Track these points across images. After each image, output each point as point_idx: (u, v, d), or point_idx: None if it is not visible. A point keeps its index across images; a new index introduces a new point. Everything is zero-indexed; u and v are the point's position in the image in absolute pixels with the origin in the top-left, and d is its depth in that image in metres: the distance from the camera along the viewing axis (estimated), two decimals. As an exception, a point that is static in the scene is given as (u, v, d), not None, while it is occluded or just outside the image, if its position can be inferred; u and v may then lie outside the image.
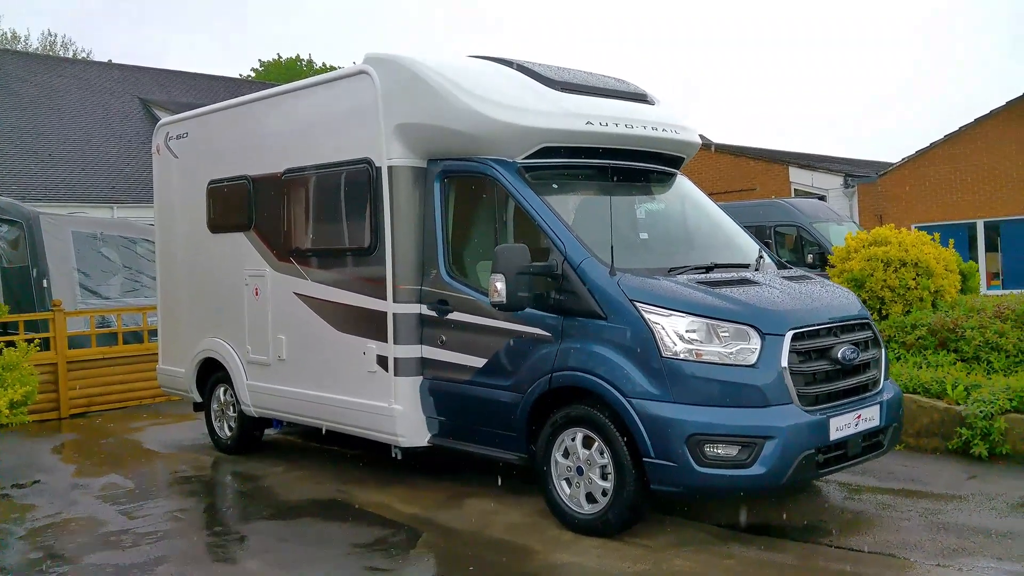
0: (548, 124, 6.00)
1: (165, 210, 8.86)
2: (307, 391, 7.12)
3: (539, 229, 5.76)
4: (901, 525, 5.51)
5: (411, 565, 5.21)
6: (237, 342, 7.85)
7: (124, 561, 5.36)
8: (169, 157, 8.64)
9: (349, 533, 5.78)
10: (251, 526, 6.06)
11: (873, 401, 5.61)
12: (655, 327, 5.16)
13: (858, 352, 5.50)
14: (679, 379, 5.08)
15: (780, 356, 5.12)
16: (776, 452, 4.96)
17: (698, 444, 4.98)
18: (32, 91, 24.26)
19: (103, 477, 7.56)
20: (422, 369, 6.43)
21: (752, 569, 4.88)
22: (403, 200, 6.39)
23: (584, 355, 5.41)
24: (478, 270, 6.29)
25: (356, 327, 6.70)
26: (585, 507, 5.49)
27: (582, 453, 5.47)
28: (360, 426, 6.73)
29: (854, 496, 6.19)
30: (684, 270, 5.74)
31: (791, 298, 5.56)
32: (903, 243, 9.20)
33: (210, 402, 8.41)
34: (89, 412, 10.78)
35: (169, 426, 9.87)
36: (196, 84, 28.78)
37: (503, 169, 6.01)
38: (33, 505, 6.74)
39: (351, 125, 6.65)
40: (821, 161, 28.13)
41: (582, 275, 5.49)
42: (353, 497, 6.61)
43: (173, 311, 8.79)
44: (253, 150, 7.62)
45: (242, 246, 7.73)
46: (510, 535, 5.59)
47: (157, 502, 6.73)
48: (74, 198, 19.91)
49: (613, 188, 6.27)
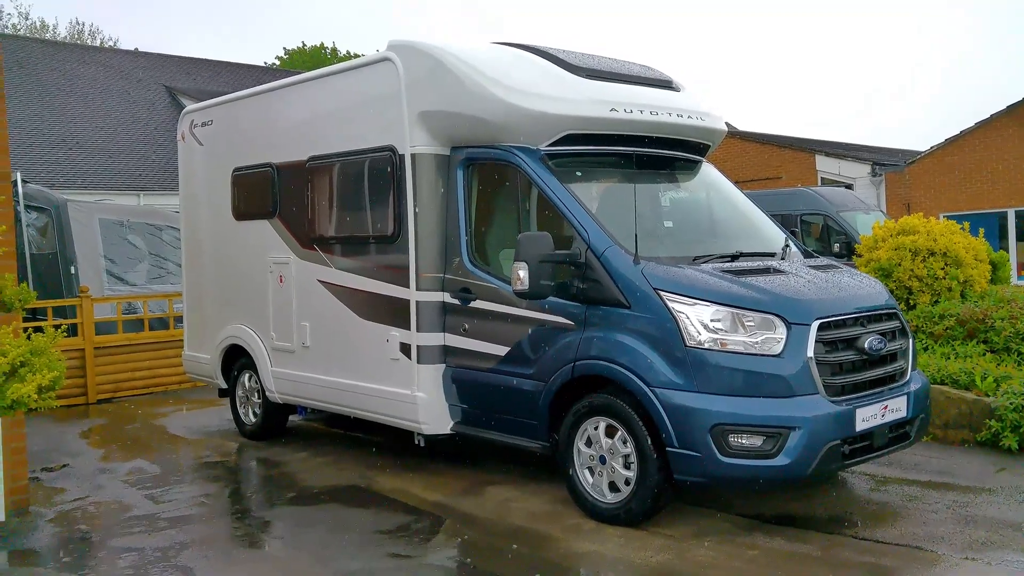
0: (572, 111, 5.96)
1: (190, 197, 8.91)
2: (330, 378, 7.15)
3: (562, 217, 5.72)
4: (928, 517, 5.45)
5: (433, 552, 5.22)
6: (262, 329, 7.89)
7: (150, 545, 5.41)
8: (194, 145, 8.68)
9: (372, 519, 5.80)
10: (275, 511, 6.11)
11: (900, 392, 5.54)
12: (679, 316, 5.12)
13: (885, 342, 5.43)
14: (703, 368, 5.04)
15: (806, 346, 5.06)
16: (801, 443, 4.92)
17: (722, 434, 4.94)
18: (60, 79, 24.49)
19: (129, 462, 7.65)
20: (445, 357, 6.43)
21: (776, 560, 4.85)
22: (426, 188, 6.38)
23: (607, 344, 5.38)
24: (501, 258, 6.27)
25: (379, 314, 6.71)
26: (608, 496, 5.47)
27: (605, 442, 5.45)
28: (383, 413, 6.75)
29: (880, 488, 6.12)
30: (709, 259, 5.69)
31: (817, 287, 5.50)
32: (931, 232, 9.07)
33: (235, 388, 8.47)
34: (116, 398, 10.90)
35: (194, 412, 9.97)
36: (221, 72, 28.92)
37: (526, 157, 5.98)
38: (62, 488, 6.83)
39: (374, 112, 6.63)
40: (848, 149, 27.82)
41: (605, 263, 5.45)
42: (375, 483, 6.64)
43: (198, 298, 8.85)
44: (277, 138, 7.63)
45: (267, 233, 7.76)
46: (531, 523, 5.59)
47: (182, 487, 6.79)
48: (101, 186, 20.09)
49: (637, 176, 6.22)
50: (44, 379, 4.68)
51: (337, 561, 5.05)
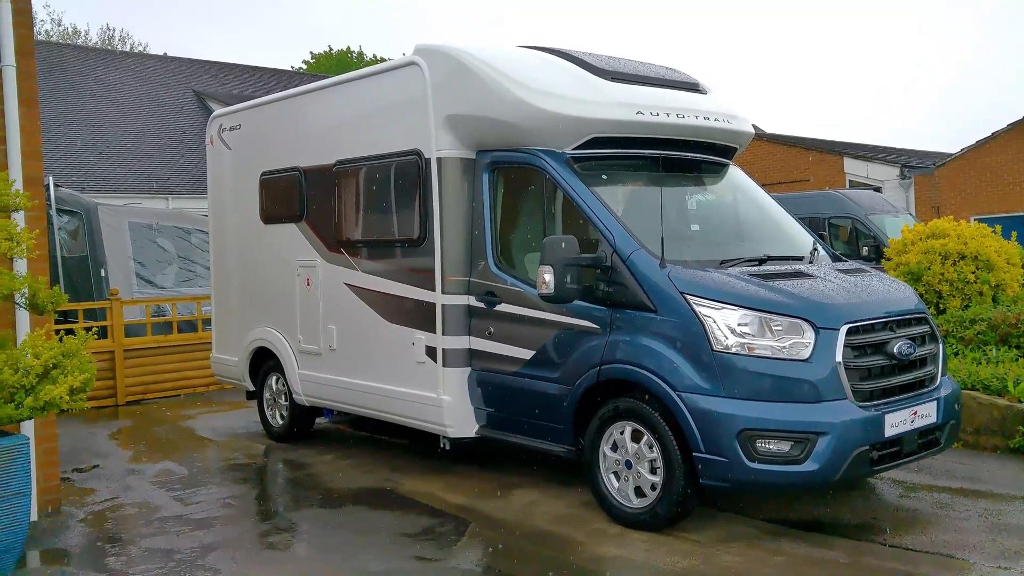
0: (598, 114, 5.95)
1: (218, 201, 8.99)
2: (357, 380, 7.19)
3: (588, 220, 5.72)
4: (960, 525, 5.37)
5: (459, 555, 5.23)
6: (289, 332, 7.95)
7: (178, 546, 5.47)
8: (222, 149, 8.77)
9: (397, 522, 5.82)
10: (301, 513, 6.14)
11: (930, 397, 5.47)
12: (706, 320, 5.10)
13: (914, 347, 5.37)
14: (730, 373, 5.01)
15: (834, 351, 5.02)
16: (829, 448, 4.87)
17: (749, 439, 4.91)
18: (91, 84, 24.83)
19: (158, 463, 7.73)
20: (470, 360, 6.44)
21: (803, 566, 4.80)
22: (452, 192, 6.39)
23: (633, 348, 5.37)
24: (526, 262, 6.27)
25: (405, 318, 6.74)
26: (634, 501, 5.45)
27: (631, 447, 5.43)
28: (409, 416, 6.77)
29: (909, 494, 6.05)
30: (736, 262, 5.66)
31: (846, 291, 5.45)
32: (962, 235, 8.97)
33: (262, 391, 8.54)
34: (144, 399, 11.02)
35: (221, 414, 10.05)
36: (249, 76, 29.18)
37: (552, 160, 5.98)
38: (92, 489, 6.91)
39: (401, 116, 6.67)
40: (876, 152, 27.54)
41: (631, 267, 5.44)
42: (400, 485, 6.67)
43: (227, 301, 8.93)
44: (305, 142, 7.69)
45: (294, 237, 7.82)
46: (556, 527, 5.58)
47: (210, 488, 6.85)
48: (130, 189, 20.34)
49: (664, 179, 6.19)
50: (76, 381, 4.74)
51: (363, 563, 5.07)
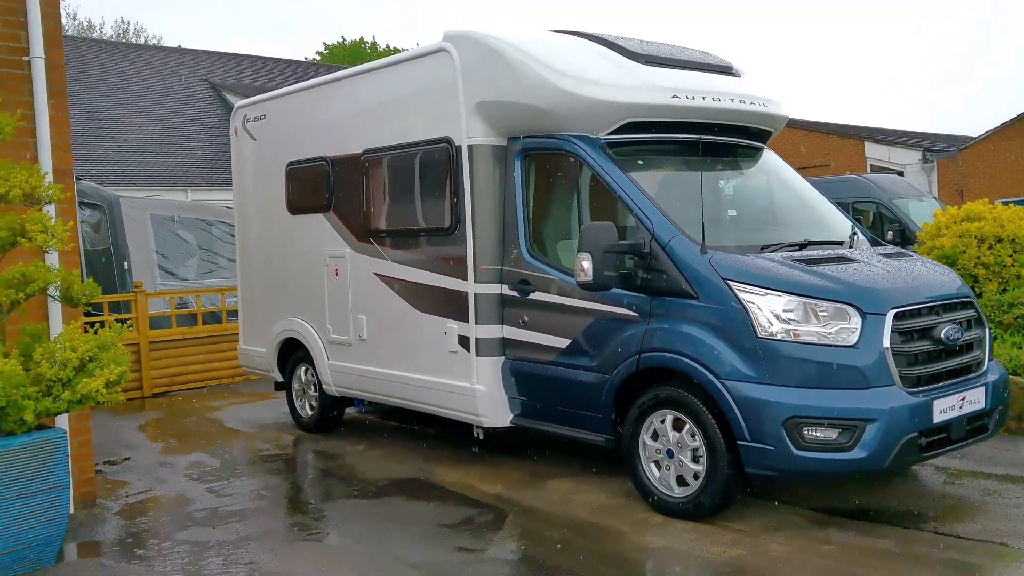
0: (633, 99, 5.84)
1: (244, 192, 8.94)
2: (388, 371, 7.13)
3: (625, 207, 5.62)
4: (1010, 512, 5.26)
5: (499, 545, 5.17)
6: (318, 322, 7.90)
7: (214, 538, 5.43)
8: (247, 139, 8.70)
9: (434, 512, 5.77)
10: (336, 504, 6.10)
11: (978, 383, 5.36)
12: (750, 307, 5.00)
13: (961, 332, 5.26)
14: (776, 360, 4.91)
15: (882, 336, 4.91)
16: (878, 436, 4.77)
17: (796, 427, 4.81)
18: (107, 78, 24.85)
19: (189, 455, 7.70)
20: (503, 349, 6.37)
21: (852, 555, 4.71)
22: (483, 179, 6.31)
23: (674, 336, 5.28)
24: (561, 249, 6.19)
25: (436, 307, 6.66)
26: (676, 490, 5.37)
27: (672, 436, 5.35)
28: (442, 406, 6.71)
29: (954, 481, 5.94)
30: (777, 247, 5.55)
31: (891, 276, 5.33)
32: (999, 219, 8.79)
33: (291, 381, 8.49)
34: (170, 391, 11.01)
35: (248, 405, 10.03)
36: (264, 67, 29.16)
37: (586, 146, 5.88)
38: (125, 481, 6.89)
39: (430, 104, 6.58)
40: (898, 136, 27.25)
41: (671, 253, 5.34)
42: (434, 476, 6.61)
43: (253, 292, 8.89)
44: (331, 131, 7.61)
45: (322, 227, 7.76)
46: (596, 517, 5.50)
47: (242, 480, 6.82)
48: (149, 182, 20.37)
49: (699, 164, 6.09)
50: (112, 374, 4.71)
51: (404, 554, 5.02)
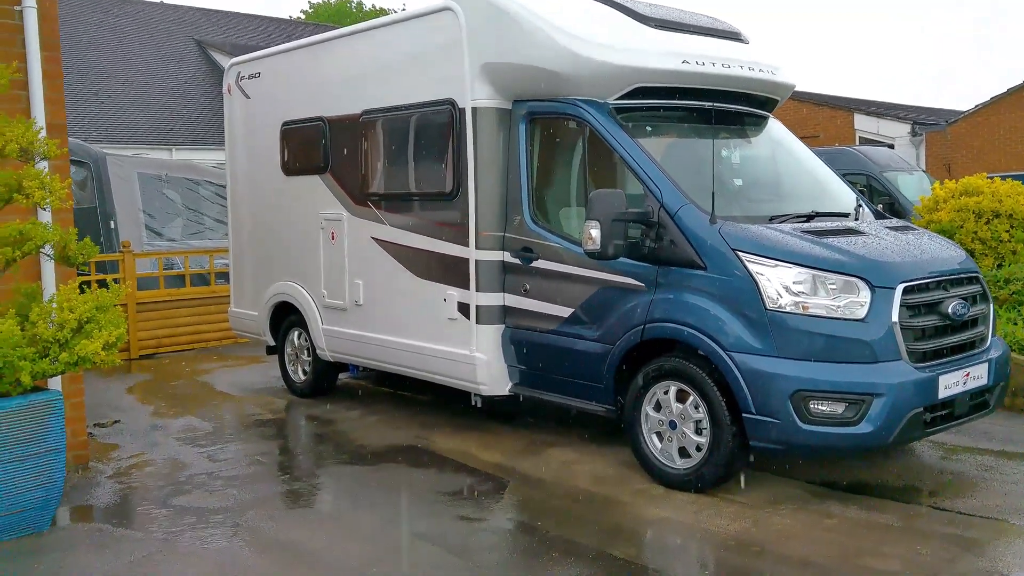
0: (643, 63, 5.73)
1: (236, 151, 8.75)
2: (385, 336, 7.04)
3: (633, 174, 5.53)
4: (1008, 488, 5.29)
5: (501, 515, 5.14)
6: (312, 286, 7.78)
7: (213, 504, 5.36)
8: (241, 97, 8.50)
9: (433, 480, 5.72)
10: (335, 470, 6.04)
11: (981, 359, 5.35)
12: (759, 278, 4.94)
13: (968, 307, 5.24)
14: (784, 333, 4.87)
15: (891, 310, 4.88)
16: (884, 410, 4.76)
17: (803, 400, 4.79)
18: (90, 32, 24.29)
19: (181, 418, 7.61)
20: (504, 317, 6.30)
21: (856, 529, 4.71)
22: (487, 143, 6.19)
23: (680, 306, 5.22)
24: (565, 217, 6.10)
25: (436, 273, 6.57)
26: (677, 462, 5.35)
27: (675, 407, 5.31)
28: (440, 373, 6.64)
29: (950, 457, 5.96)
30: (785, 218, 5.49)
31: (900, 250, 5.29)
32: (997, 193, 8.79)
33: (283, 346, 8.39)
34: (157, 353, 10.88)
35: (238, 369, 9.93)
36: (250, 25, 28.63)
37: (594, 110, 5.77)
38: (116, 445, 6.80)
39: (434, 64, 6.43)
40: (888, 108, 27.20)
41: (679, 223, 5.27)
42: (432, 443, 6.56)
43: (245, 254, 8.74)
44: (329, 91, 7.44)
45: (318, 189, 7.61)
46: (597, 487, 5.48)
47: (237, 445, 6.74)
48: (133, 140, 20.01)
49: (707, 131, 5.99)
50: (111, 336, 4.60)
51: (406, 523, 4.99)
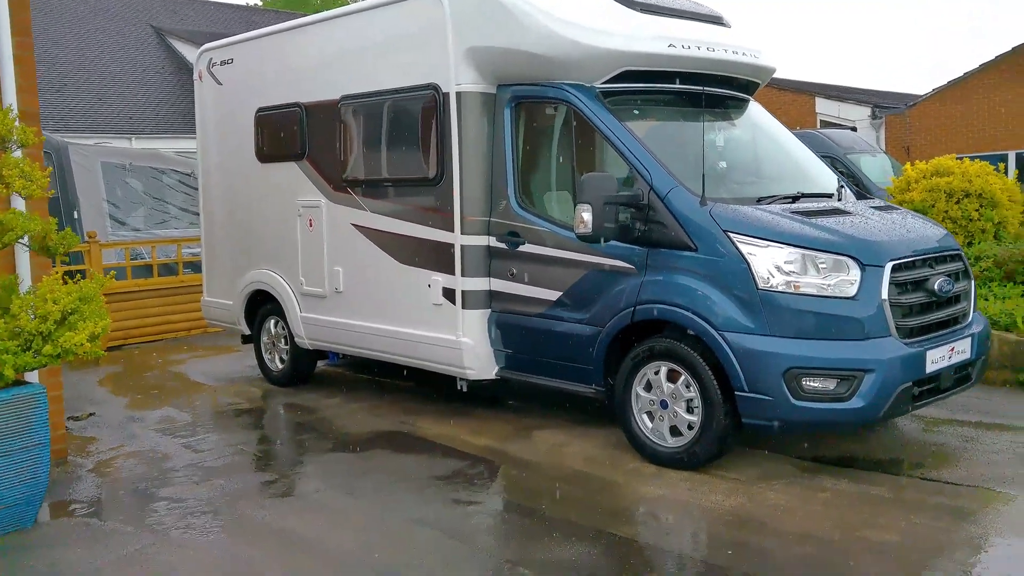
0: (630, 47, 5.72)
1: (208, 139, 8.58)
2: (367, 323, 6.98)
3: (622, 157, 5.52)
4: (991, 458, 5.40)
5: (497, 497, 5.14)
6: (289, 274, 7.67)
7: (201, 495, 5.27)
8: (213, 84, 8.33)
9: (423, 465, 5.69)
10: (323, 459, 5.97)
11: (964, 333, 5.46)
12: (751, 259, 4.97)
13: (953, 283, 5.32)
14: (776, 312, 4.92)
15: (880, 288, 4.94)
16: (875, 385, 4.83)
17: (796, 377, 4.84)
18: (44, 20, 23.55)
19: (158, 410, 7.47)
20: (490, 302, 6.27)
21: (849, 502, 4.78)
22: (472, 128, 6.14)
23: (671, 288, 5.24)
24: (552, 201, 6.08)
25: (420, 259, 6.52)
26: (669, 440, 5.38)
27: (666, 387, 5.33)
28: (425, 359, 6.59)
29: (932, 429, 6.08)
30: (773, 199, 5.53)
31: (887, 229, 5.37)
32: (967, 173, 8.95)
33: (259, 334, 8.27)
34: (126, 345, 10.67)
35: (210, 359, 9.78)
36: (208, 12, 28.04)
37: (581, 94, 5.75)
38: (93, 438, 6.65)
39: (416, 48, 6.35)
40: (848, 92, 27.54)
41: (669, 205, 5.28)
42: (417, 428, 6.52)
43: (218, 243, 8.59)
44: (306, 76, 7.31)
45: (294, 176, 7.50)
46: (590, 468, 5.49)
47: (218, 435, 6.64)
48: (92, 129, 19.51)
49: (693, 115, 6.01)
50: (97, 327, 4.49)
51: (402, 509, 4.93)
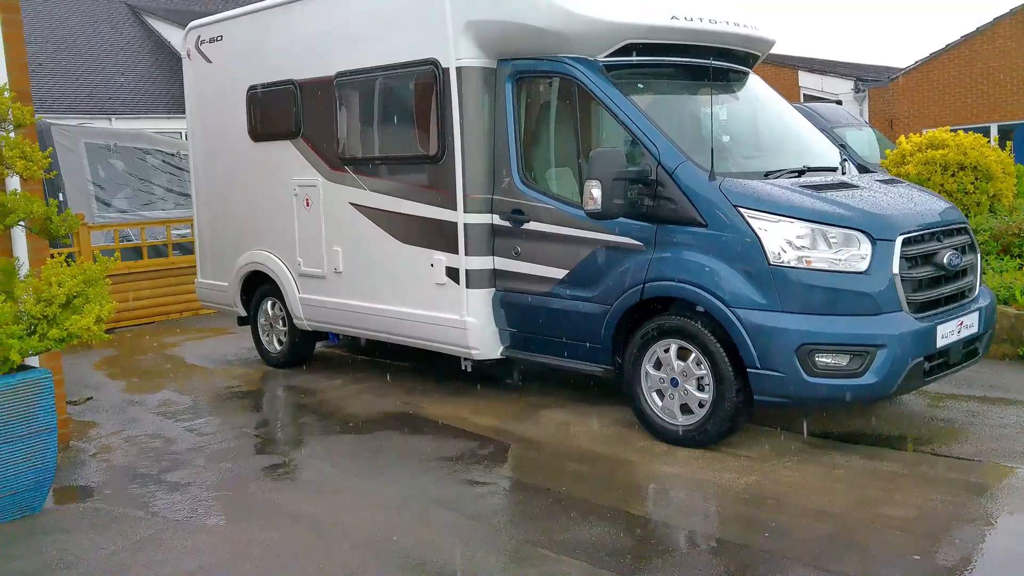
0: (634, 19, 5.64)
1: (198, 118, 8.43)
2: (368, 304, 6.90)
3: (629, 132, 5.45)
4: (999, 433, 5.42)
5: (510, 477, 5.10)
6: (286, 255, 7.57)
7: (210, 480, 5.20)
8: (201, 62, 8.16)
9: (432, 446, 5.64)
10: (330, 440, 5.91)
11: (972, 307, 5.46)
12: (762, 234, 4.94)
13: (961, 257, 5.32)
14: (788, 287, 4.89)
15: (891, 262, 4.92)
16: (888, 361, 4.82)
17: (808, 353, 4.82)
18: (15, -4, 23.12)
19: (157, 393, 7.38)
20: (494, 281, 6.21)
21: (864, 478, 4.78)
22: (473, 104, 6.05)
23: (682, 264, 5.19)
24: (556, 177, 6.01)
25: (422, 238, 6.44)
26: (679, 418, 5.36)
27: (677, 365, 5.31)
28: (429, 339, 6.53)
29: (937, 404, 6.09)
30: (780, 174, 5.49)
31: (895, 202, 5.34)
32: (961, 146, 8.96)
33: (256, 316, 8.17)
34: (118, 328, 10.52)
35: (206, 341, 9.67)
36: (184, -12, 27.55)
37: (585, 68, 5.66)
38: (93, 422, 6.57)
39: (414, 23, 6.23)
40: (830, 65, 27.52)
41: (678, 180, 5.22)
42: (423, 409, 6.48)
43: (212, 224, 8.46)
44: (300, 53, 7.17)
45: (289, 155, 7.37)
46: (599, 446, 5.48)
47: (221, 418, 6.57)
48: (71, 109, 19.20)
49: (696, 88, 5.95)
50: (103, 311, 4.40)
51: (415, 489, 4.88)
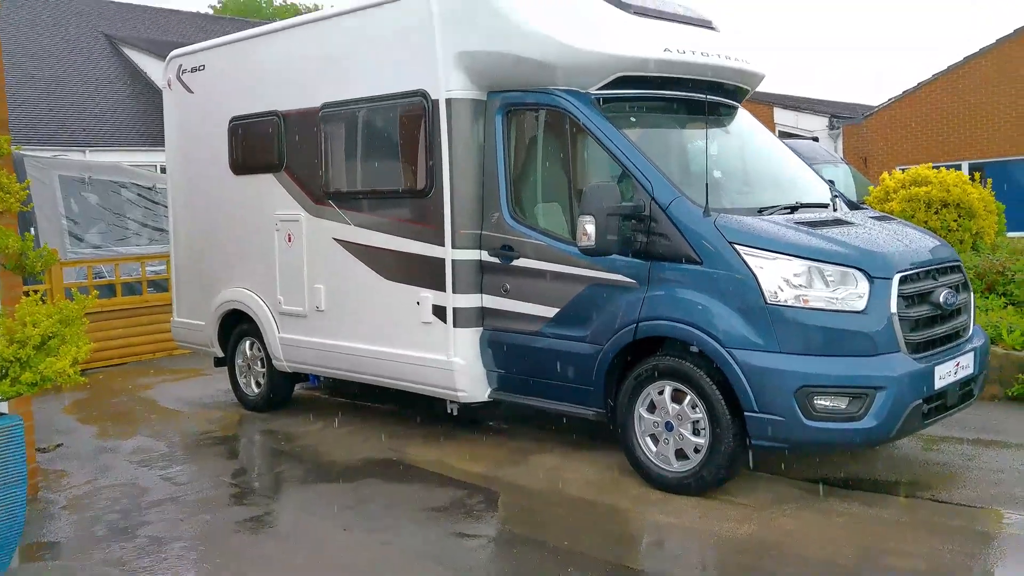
0: (627, 51, 5.56)
1: (178, 150, 8.23)
2: (351, 344, 6.70)
3: (622, 167, 5.35)
4: (996, 478, 5.31)
5: (501, 528, 4.90)
6: (267, 292, 7.36)
7: (187, 532, 4.96)
8: (183, 92, 8.00)
9: (419, 495, 5.43)
10: (312, 490, 5.68)
11: (967, 347, 5.37)
12: (759, 272, 4.83)
13: (956, 296, 5.24)
14: (786, 327, 4.77)
15: (889, 301, 4.82)
16: (888, 403, 4.70)
17: (807, 396, 4.69)
18: (-11, 27, 22.87)
19: (130, 439, 7.10)
20: (482, 320, 6.05)
21: (866, 526, 4.64)
22: (462, 137, 5.93)
23: (676, 303, 5.07)
24: (547, 213, 5.88)
25: (407, 275, 6.27)
26: (675, 464, 5.20)
27: (671, 408, 5.16)
28: (414, 380, 6.34)
29: (932, 448, 5.98)
30: (774, 210, 5.40)
31: (891, 240, 5.26)
32: (944, 183, 8.98)
33: (234, 357, 7.94)
34: (89, 369, 10.17)
35: (180, 383, 9.39)
36: (161, 19, 27.48)
37: (576, 101, 5.57)
38: (64, 471, 6.28)
39: (402, 53, 6.12)
40: (805, 102, 27.85)
41: (672, 216, 5.11)
42: (407, 455, 6.26)
43: (190, 260, 8.23)
44: (284, 83, 7.03)
45: (272, 188, 7.20)
46: (592, 494, 5.29)
47: (197, 465, 6.32)
48: (44, 141, 18.88)
49: (689, 122, 5.88)
50: (81, 353, 4.18)
51: (401, 544, 4.67)
